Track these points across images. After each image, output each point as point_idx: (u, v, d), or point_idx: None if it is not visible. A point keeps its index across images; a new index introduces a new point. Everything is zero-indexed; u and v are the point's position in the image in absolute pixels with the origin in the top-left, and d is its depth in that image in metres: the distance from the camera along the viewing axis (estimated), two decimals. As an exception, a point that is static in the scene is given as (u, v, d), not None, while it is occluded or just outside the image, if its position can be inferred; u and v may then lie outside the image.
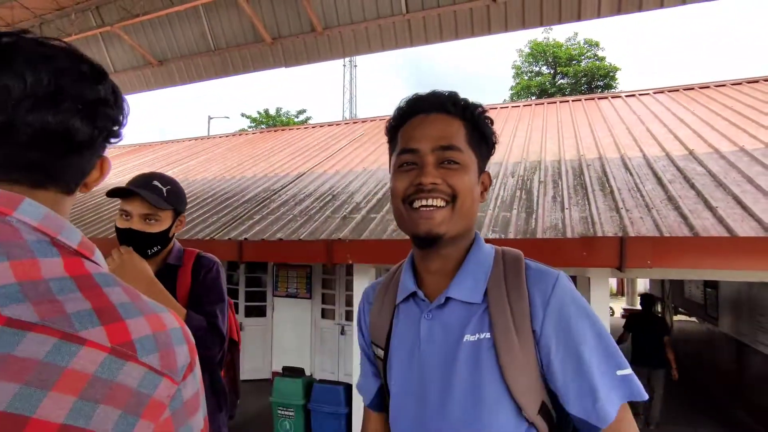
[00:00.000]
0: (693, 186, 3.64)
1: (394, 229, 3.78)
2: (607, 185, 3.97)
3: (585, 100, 7.62)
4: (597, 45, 20.98)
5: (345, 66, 21.46)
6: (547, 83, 21.16)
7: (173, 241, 1.49)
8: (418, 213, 0.72)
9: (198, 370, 0.51)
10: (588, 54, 21.02)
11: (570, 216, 3.47)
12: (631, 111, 6.47)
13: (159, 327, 0.47)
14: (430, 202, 0.71)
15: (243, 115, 22.37)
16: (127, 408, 0.41)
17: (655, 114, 6.07)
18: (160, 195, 1.33)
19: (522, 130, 6.43)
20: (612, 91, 15.19)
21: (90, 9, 6.23)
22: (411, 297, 0.80)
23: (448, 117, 0.75)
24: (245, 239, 4.14)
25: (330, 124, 9.84)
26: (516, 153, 5.38)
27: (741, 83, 6.80)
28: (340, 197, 4.99)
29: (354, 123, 9.69)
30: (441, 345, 0.73)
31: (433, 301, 0.76)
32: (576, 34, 21.72)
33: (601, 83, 20.39)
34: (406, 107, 0.79)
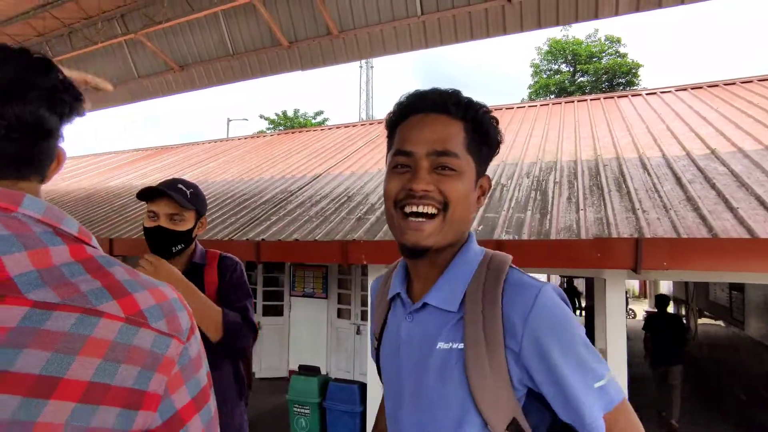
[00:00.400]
0: (714, 186, 3.56)
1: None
2: (624, 186, 3.91)
3: (604, 98, 7.50)
4: (618, 41, 20.55)
5: (362, 67, 21.57)
6: (567, 81, 20.83)
7: (195, 242, 1.59)
8: (407, 223, 0.70)
9: (198, 332, 0.58)
10: (609, 51, 20.60)
11: (585, 217, 3.44)
12: (652, 109, 6.34)
13: (161, 298, 0.53)
14: (420, 209, 0.69)
15: (261, 117, 22.73)
16: (145, 365, 0.48)
17: (677, 112, 5.94)
18: (184, 196, 1.45)
19: (538, 129, 6.37)
20: (632, 89, 14.88)
21: (115, 17, 6.45)
22: (397, 296, 0.81)
23: (447, 118, 0.71)
24: (262, 240, 4.24)
25: (347, 125, 9.92)
26: (532, 153, 5.34)
27: (768, 79, 6.59)
28: (355, 198, 5.05)
29: (370, 124, 9.75)
30: (417, 349, 0.73)
31: (413, 304, 0.76)
32: (596, 30, 21.39)
33: (623, 80, 19.94)
34: (405, 103, 0.76)
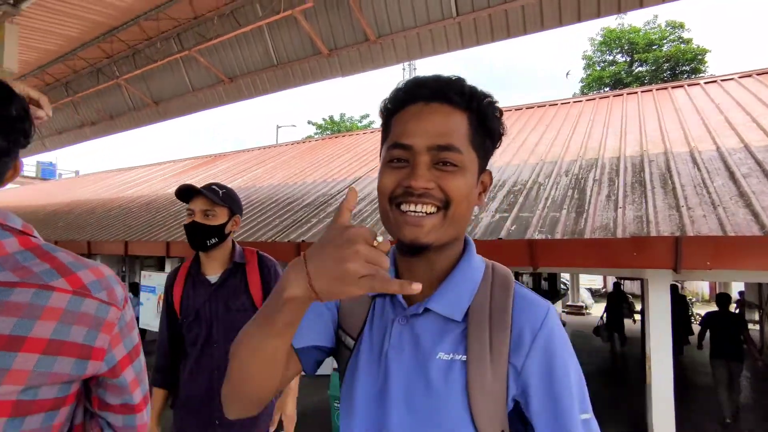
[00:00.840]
0: (771, 180, 3.31)
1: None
2: (670, 182, 3.72)
3: (656, 90, 7.09)
4: (681, 26, 19.17)
5: (404, 69, 21.65)
6: (623, 72, 19.72)
7: (233, 242, 1.74)
8: (404, 217, 0.64)
9: (130, 302, 0.73)
10: (670, 37, 19.27)
11: (623, 215, 3.32)
12: (709, 99, 5.92)
13: (100, 275, 0.68)
14: (419, 208, 0.63)
15: (309, 123, 23.44)
16: (91, 326, 0.64)
17: (737, 101, 5.51)
18: (216, 194, 1.62)
19: (582, 126, 6.15)
20: (696, 77, 13.83)
21: (172, 37, 7.01)
22: (389, 295, 0.74)
23: (450, 108, 0.66)
24: (303, 241, 4.45)
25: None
26: (573, 151, 5.18)
27: None
28: (392, 200, 5.16)
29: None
30: (410, 356, 0.68)
31: (411, 307, 0.70)
32: (656, 17, 20.04)
33: (687, 68, 18.58)
34: (404, 90, 0.69)
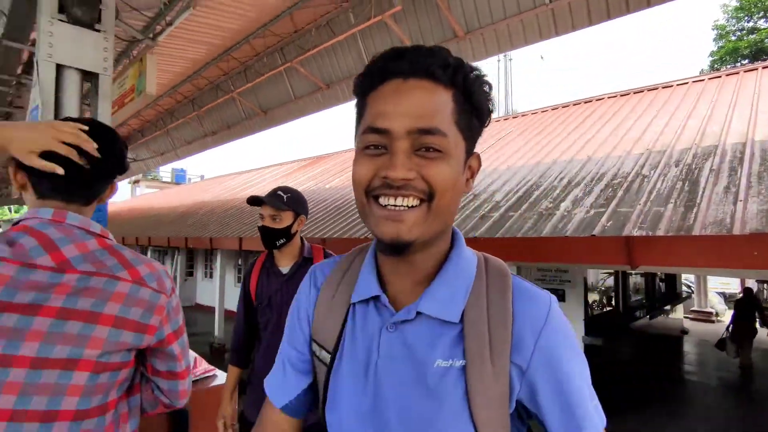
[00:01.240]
0: None
1: (531, 227, 3.73)
2: (811, 170, 3.17)
3: (804, 60, 5.96)
4: None
5: (499, 60, 20.84)
6: (766, 40, 16.73)
7: (302, 239, 1.89)
8: (384, 211, 0.58)
9: (176, 292, 0.92)
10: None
11: (744, 209, 2.92)
12: None
13: (153, 269, 0.88)
14: (399, 201, 0.57)
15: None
16: (146, 309, 0.83)
17: None
18: (280, 200, 1.74)
19: (701, 109, 5.44)
20: None
21: (276, 51, 7.77)
22: (372, 300, 0.67)
23: (432, 85, 0.58)
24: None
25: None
26: (686, 138, 4.63)
27: None
28: (480, 196, 5.12)
29: (505, 119, 9.53)
30: (403, 364, 0.62)
31: (399, 311, 0.63)
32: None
33: None
34: (379, 65, 0.60)
